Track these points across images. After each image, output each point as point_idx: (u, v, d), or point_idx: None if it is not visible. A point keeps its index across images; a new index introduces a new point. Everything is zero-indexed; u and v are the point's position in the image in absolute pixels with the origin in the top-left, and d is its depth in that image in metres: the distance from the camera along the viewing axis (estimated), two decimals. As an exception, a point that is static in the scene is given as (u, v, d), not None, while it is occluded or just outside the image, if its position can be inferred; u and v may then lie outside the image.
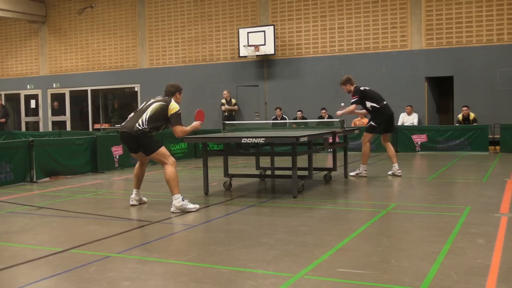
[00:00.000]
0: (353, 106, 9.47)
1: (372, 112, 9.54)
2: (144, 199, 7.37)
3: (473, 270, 3.99)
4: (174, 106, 6.78)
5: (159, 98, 6.95)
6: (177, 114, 6.77)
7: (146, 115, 6.70)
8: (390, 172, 9.71)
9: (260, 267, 4.22)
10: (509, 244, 4.72)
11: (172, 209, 6.62)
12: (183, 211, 6.58)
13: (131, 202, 7.20)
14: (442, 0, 15.78)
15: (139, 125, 6.66)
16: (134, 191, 7.23)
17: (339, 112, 9.66)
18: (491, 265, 4.09)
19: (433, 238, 5.01)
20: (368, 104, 9.44)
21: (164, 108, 6.76)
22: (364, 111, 9.79)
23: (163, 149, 6.81)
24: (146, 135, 6.69)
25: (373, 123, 9.52)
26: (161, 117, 6.76)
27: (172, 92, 6.97)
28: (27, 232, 5.72)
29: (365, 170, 9.60)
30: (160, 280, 3.96)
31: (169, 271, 4.19)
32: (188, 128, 6.89)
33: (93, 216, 6.55)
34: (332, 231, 5.43)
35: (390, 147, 9.69)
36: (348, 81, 9.57)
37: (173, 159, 6.80)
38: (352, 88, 9.50)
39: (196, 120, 7.08)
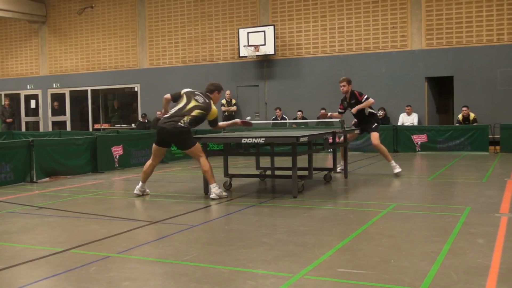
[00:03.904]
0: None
1: (369, 117, 9.70)
2: (148, 190, 7.96)
3: (473, 270, 3.99)
4: (213, 112, 7.56)
5: (199, 100, 7.51)
6: (216, 118, 7.68)
7: (189, 117, 7.33)
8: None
9: (260, 267, 4.21)
10: (509, 244, 4.71)
11: (212, 195, 7.39)
12: (220, 197, 7.39)
13: (135, 192, 7.83)
14: (442, 0, 15.78)
15: (182, 124, 7.28)
16: (141, 183, 7.84)
17: (354, 111, 9.63)
18: (491, 265, 4.09)
19: (433, 238, 5.01)
20: (367, 110, 9.66)
21: (204, 116, 7.49)
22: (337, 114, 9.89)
23: (198, 145, 7.53)
24: (187, 132, 7.37)
25: (378, 125, 9.78)
26: (201, 120, 7.52)
27: (212, 90, 7.72)
28: (27, 232, 5.72)
29: (397, 164, 9.57)
30: (160, 280, 3.96)
31: (169, 271, 4.18)
32: (226, 123, 8.08)
33: (93, 216, 6.55)
34: (332, 231, 5.43)
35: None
36: (350, 82, 9.68)
37: (204, 154, 7.58)
38: (350, 88, 9.60)
39: (243, 122, 8.11)
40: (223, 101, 17.80)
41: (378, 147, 9.61)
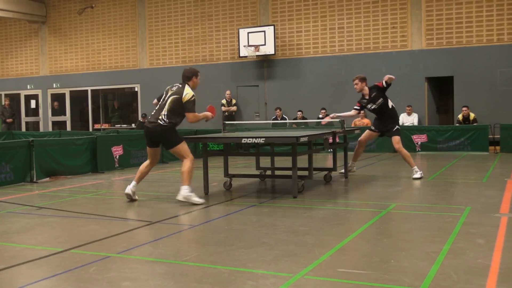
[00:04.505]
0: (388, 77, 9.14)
1: (392, 112, 9.38)
2: (136, 196, 7.51)
3: (473, 270, 3.99)
4: (187, 94, 7.02)
5: (174, 88, 7.17)
6: (191, 101, 7.04)
7: (165, 111, 7.03)
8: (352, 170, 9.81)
9: (260, 267, 4.21)
10: (509, 244, 4.71)
11: (179, 197, 7.02)
12: (188, 201, 6.99)
13: (126, 191, 7.42)
14: (442, 0, 15.78)
15: (161, 121, 7.02)
16: (134, 182, 7.47)
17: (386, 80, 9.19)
18: (491, 265, 4.09)
19: (433, 238, 5.01)
20: (390, 103, 9.33)
21: (179, 100, 7.02)
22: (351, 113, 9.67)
23: (184, 144, 7.17)
24: (170, 130, 7.06)
25: (399, 127, 9.44)
26: (179, 110, 7.06)
27: (188, 77, 7.22)
28: (27, 232, 5.71)
29: (419, 170, 9.25)
30: (160, 280, 3.95)
31: (169, 271, 4.18)
32: (201, 115, 7.23)
33: (93, 216, 6.55)
34: (332, 231, 5.43)
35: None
36: (364, 80, 9.35)
37: (192, 156, 7.18)
38: (363, 86, 9.28)
39: (208, 111, 7.48)
40: (223, 101, 17.80)
41: (399, 151, 9.25)
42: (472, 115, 15.13)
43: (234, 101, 17.92)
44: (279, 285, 3.77)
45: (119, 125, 20.47)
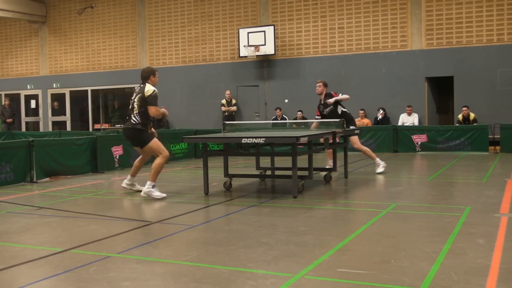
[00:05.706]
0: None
1: (344, 116, 9.82)
2: (139, 187, 8.10)
3: (473, 270, 3.99)
4: (148, 89, 7.57)
5: (137, 88, 7.74)
6: (153, 95, 7.56)
7: (135, 112, 7.55)
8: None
9: (260, 267, 4.21)
10: (509, 244, 4.71)
11: (142, 193, 7.60)
12: (149, 196, 7.53)
13: (122, 184, 8.26)
14: (442, 0, 15.78)
15: (133, 121, 7.57)
16: (129, 177, 8.21)
17: (331, 100, 9.87)
18: (491, 265, 4.09)
19: (433, 238, 5.01)
20: (340, 109, 9.93)
21: (143, 97, 7.54)
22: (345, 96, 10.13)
23: (155, 142, 7.64)
24: (140, 130, 7.56)
25: (354, 128, 10.03)
26: (145, 108, 7.55)
27: (146, 77, 7.78)
28: (27, 232, 5.72)
29: (381, 163, 10.01)
30: (160, 280, 3.96)
31: (169, 271, 4.18)
32: (161, 110, 7.87)
33: (93, 216, 6.55)
34: (332, 231, 5.43)
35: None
36: (327, 85, 10.20)
37: (167, 153, 7.68)
38: (324, 90, 10.10)
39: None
40: (223, 101, 17.80)
41: (359, 149, 10.07)
42: (472, 115, 15.13)
43: (234, 101, 17.92)
44: (279, 285, 3.77)
45: (119, 125, 20.44)
